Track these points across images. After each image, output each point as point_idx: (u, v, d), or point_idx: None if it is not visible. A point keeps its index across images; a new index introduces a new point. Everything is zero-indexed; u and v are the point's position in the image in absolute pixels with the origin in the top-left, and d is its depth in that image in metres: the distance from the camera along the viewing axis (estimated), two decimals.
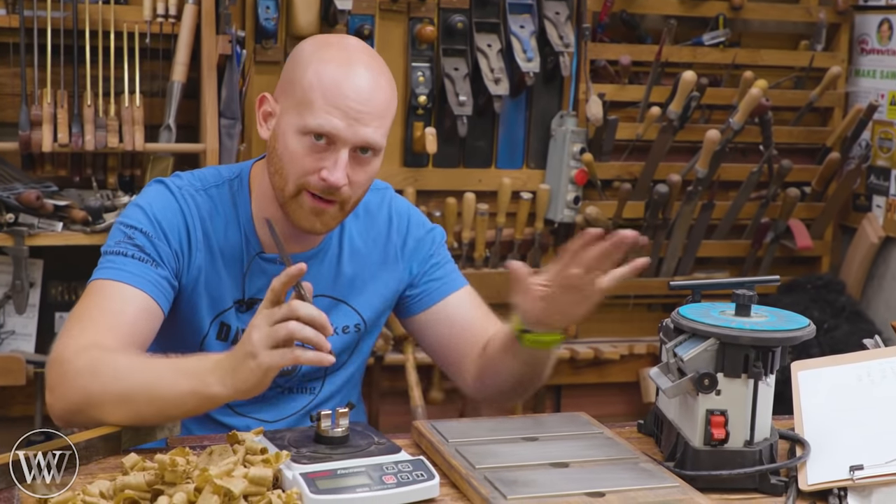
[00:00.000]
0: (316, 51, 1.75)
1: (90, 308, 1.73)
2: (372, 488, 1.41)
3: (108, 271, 1.75)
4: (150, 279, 1.74)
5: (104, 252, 1.78)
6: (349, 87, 1.70)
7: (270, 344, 1.49)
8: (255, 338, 1.50)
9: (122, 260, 1.75)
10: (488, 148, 3.49)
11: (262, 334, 1.49)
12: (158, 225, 1.79)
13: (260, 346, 1.49)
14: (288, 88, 1.75)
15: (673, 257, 3.65)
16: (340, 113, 1.69)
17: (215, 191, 1.85)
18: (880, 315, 3.70)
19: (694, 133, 3.56)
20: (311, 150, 1.71)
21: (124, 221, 1.80)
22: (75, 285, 3.16)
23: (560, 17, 3.39)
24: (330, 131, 1.70)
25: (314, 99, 1.70)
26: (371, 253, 1.93)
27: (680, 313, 1.60)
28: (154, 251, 1.77)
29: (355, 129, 1.70)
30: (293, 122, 1.72)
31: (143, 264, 1.75)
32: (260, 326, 1.50)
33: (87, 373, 1.61)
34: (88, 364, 1.62)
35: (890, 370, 1.69)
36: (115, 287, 1.73)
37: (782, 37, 3.83)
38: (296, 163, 1.72)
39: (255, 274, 1.84)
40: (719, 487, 1.52)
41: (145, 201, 1.82)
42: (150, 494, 1.36)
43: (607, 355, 3.61)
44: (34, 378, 3.02)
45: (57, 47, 2.92)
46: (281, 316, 1.49)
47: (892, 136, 3.69)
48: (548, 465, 1.53)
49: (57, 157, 2.97)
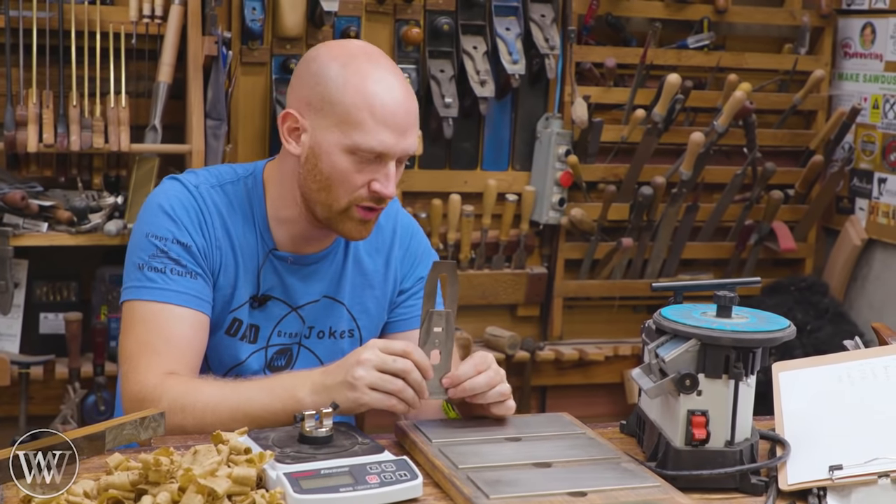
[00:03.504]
0: (346, 65, 1.75)
1: (149, 336, 1.76)
2: (355, 488, 1.41)
3: (152, 292, 1.77)
4: (194, 293, 1.78)
5: (140, 266, 1.78)
6: (393, 103, 1.74)
7: (374, 387, 1.61)
8: (361, 374, 1.61)
9: (162, 278, 1.77)
10: (474, 150, 3.50)
11: (371, 376, 1.61)
12: (186, 230, 1.80)
13: (362, 384, 1.61)
14: (323, 106, 1.76)
15: (657, 259, 3.66)
16: (390, 131, 1.74)
17: (231, 187, 1.87)
18: (863, 316, 3.72)
19: (678, 135, 3.57)
20: (361, 167, 1.76)
21: (154, 233, 1.80)
22: (60, 285, 3.16)
23: (545, 20, 3.40)
24: (383, 150, 1.74)
25: (363, 119, 1.73)
26: (374, 261, 1.97)
27: (662, 314, 1.61)
28: (191, 261, 1.79)
29: (402, 143, 1.76)
30: (338, 140, 1.75)
31: (183, 278, 1.78)
32: (369, 368, 1.62)
33: (178, 409, 1.69)
34: (175, 401, 1.69)
35: (870, 371, 1.70)
36: (165, 310, 1.76)
37: (766, 40, 3.85)
38: (347, 180, 1.76)
39: (268, 271, 1.87)
40: (700, 487, 1.53)
41: (167, 204, 1.82)
42: (133, 494, 1.36)
43: (592, 356, 3.62)
44: (18, 378, 3.02)
45: (42, 47, 2.92)
46: (395, 370, 1.62)
47: (874, 140, 3.71)
48: (530, 465, 1.54)
49: (42, 158, 2.97)
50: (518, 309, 3.64)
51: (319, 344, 1.93)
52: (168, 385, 1.71)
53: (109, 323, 3.11)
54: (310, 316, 1.91)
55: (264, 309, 1.87)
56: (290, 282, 1.88)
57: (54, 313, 3.13)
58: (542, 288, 3.61)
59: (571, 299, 3.68)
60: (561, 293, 3.63)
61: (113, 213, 2.97)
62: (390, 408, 1.63)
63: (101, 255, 3.14)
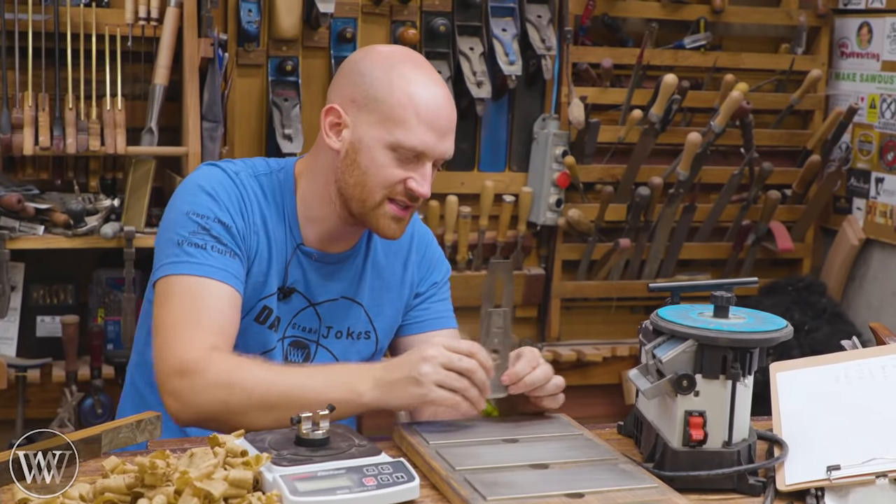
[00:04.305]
0: (393, 67, 1.81)
1: (190, 309, 1.76)
2: (352, 490, 1.41)
3: (193, 266, 1.78)
4: (232, 271, 1.79)
5: (179, 243, 1.79)
6: (436, 107, 1.80)
7: (441, 384, 1.63)
8: (427, 370, 1.63)
9: (202, 254, 1.78)
10: (471, 151, 3.50)
11: (438, 374, 1.63)
12: (228, 211, 1.82)
13: (428, 380, 1.63)
14: (367, 103, 1.80)
15: (655, 260, 3.66)
16: (433, 131, 1.79)
17: (265, 179, 1.90)
18: (861, 316, 3.72)
19: (675, 136, 3.57)
20: (399, 163, 1.80)
21: (195, 211, 1.81)
22: (57, 288, 3.15)
23: (542, 21, 3.39)
24: (423, 149, 1.78)
25: (407, 118, 1.77)
26: (392, 264, 1.99)
27: (659, 315, 1.61)
28: (231, 240, 1.81)
29: (442, 146, 1.81)
30: (380, 136, 1.79)
31: (223, 256, 1.79)
32: (435, 365, 1.63)
33: (224, 385, 1.68)
34: (222, 375, 1.69)
35: (868, 371, 1.70)
36: (205, 284, 1.77)
37: (763, 40, 3.85)
38: (384, 174, 1.80)
39: (295, 265, 1.89)
40: (698, 488, 1.53)
41: (209, 186, 1.83)
42: (129, 497, 1.35)
43: (590, 357, 3.62)
44: (15, 382, 3.02)
45: (38, 50, 2.91)
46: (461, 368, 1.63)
47: (871, 139, 3.71)
48: (528, 467, 1.54)
49: (38, 160, 2.96)
50: (515, 310, 3.63)
51: (337, 344, 1.95)
52: (214, 359, 1.70)
53: (106, 326, 3.11)
54: (327, 315, 1.93)
55: (288, 301, 1.90)
56: (312, 278, 1.91)
57: (51, 316, 3.13)
58: (539, 289, 3.60)
59: (569, 300, 3.68)
60: (558, 294, 3.63)
61: (109, 215, 2.97)
62: (454, 405, 1.65)
63: (98, 257, 3.14)
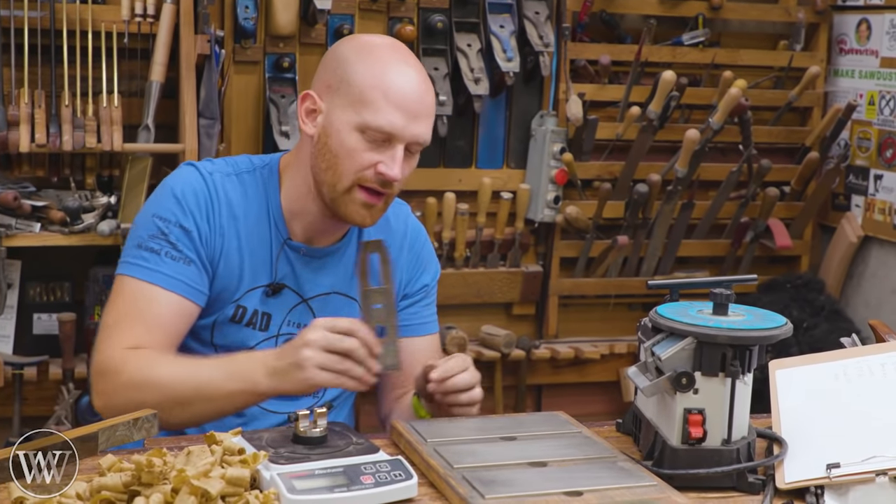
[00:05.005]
0: (366, 53, 1.81)
1: (127, 311, 1.78)
2: (350, 488, 1.41)
3: (142, 270, 1.78)
4: (183, 279, 1.79)
5: (138, 245, 1.80)
6: (408, 87, 1.78)
7: (323, 367, 1.63)
8: (308, 355, 1.63)
9: (155, 259, 1.79)
10: (468, 148, 3.49)
11: (319, 357, 1.63)
12: (192, 216, 1.82)
13: (310, 364, 1.63)
14: (340, 87, 1.80)
15: (653, 257, 3.66)
16: (400, 112, 1.77)
17: (247, 176, 1.89)
18: (859, 314, 3.72)
19: (674, 133, 3.56)
20: (369, 147, 1.78)
21: (159, 214, 1.82)
22: (53, 286, 3.15)
23: (540, 17, 3.39)
24: (391, 130, 1.76)
25: (375, 99, 1.76)
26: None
27: (658, 312, 1.61)
28: (189, 247, 1.81)
29: (412, 128, 1.78)
30: (349, 119, 1.78)
31: (176, 263, 1.79)
32: (316, 349, 1.63)
33: (137, 385, 1.70)
34: (135, 375, 1.70)
35: (867, 369, 1.70)
36: (150, 290, 1.78)
37: (761, 37, 3.85)
38: (353, 158, 1.78)
39: (283, 260, 1.89)
40: (697, 486, 1.52)
41: (178, 187, 1.84)
42: (126, 496, 1.35)
43: (588, 355, 3.61)
44: (13, 379, 3.01)
45: (34, 47, 2.90)
46: (342, 349, 1.63)
47: (870, 136, 3.71)
48: (526, 465, 1.53)
49: (34, 158, 2.95)
50: (513, 307, 3.63)
51: None
52: (129, 359, 1.72)
53: None
54: (320, 309, 1.92)
55: (278, 297, 1.89)
56: (301, 272, 1.90)
57: (48, 314, 3.12)
58: (537, 286, 3.60)
59: (567, 297, 3.67)
60: (556, 291, 3.62)
61: (106, 212, 2.96)
62: (340, 386, 1.67)
63: (95, 255, 3.12)
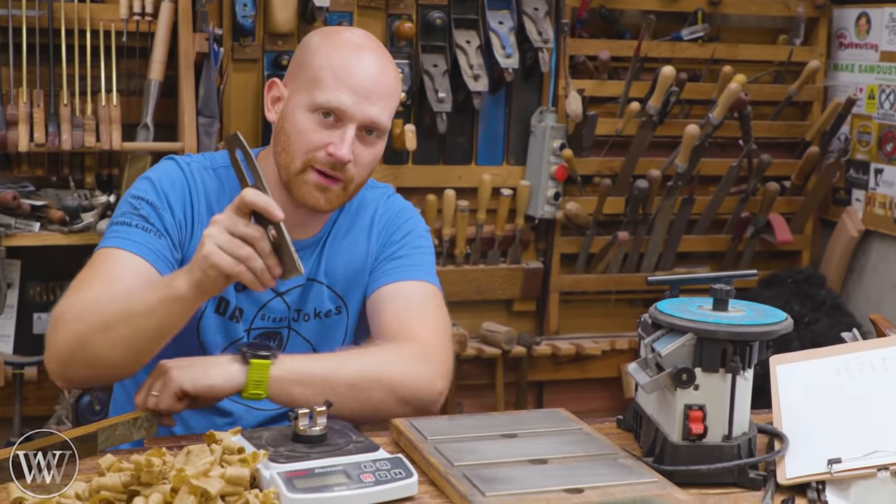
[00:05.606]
0: (326, 38, 1.84)
1: (91, 274, 1.78)
2: (350, 487, 1.40)
3: (111, 240, 1.80)
4: (151, 248, 1.79)
5: (111, 223, 1.83)
6: (358, 68, 1.78)
7: (223, 247, 1.53)
8: (211, 231, 1.54)
9: (125, 230, 1.80)
10: (468, 144, 3.49)
11: (221, 237, 1.53)
12: (164, 196, 1.84)
13: (211, 241, 1.54)
14: (297, 72, 1.83)
15: (653, 252, 3.65)
16: (349, 90, 1.77)
17: (224, 171, 1.90)
18: (860, 308, 3.71)
19: (673, 128, 3.56)
20: (320, 127, 1.78)
21: (132, 193, 1.85)
22: (53, 285, 3.15)
23: (539, 13, 3.38)
24: (338, 107, 1.77)
25: (324, 77, 1.78)
26: (356, 239, 1.96)
27: (658, 308, 1.60)
28: (159, 221, 1.82)
29: (363, 107, 1.77)
30: (302, 100, 1.79)
31: (146, 233, 1.80)
32: (220, 228, 1.54)
33: (75, 318, 1.67)
34: (76, 311, 1.68)
35: (868, 363, 1.69)
36: (116, 254, 1.78)
37: (761, 31, 3.84)
38: (303, 138, 1.79)
39: None
40: (698, 482, 1.52)
41: (155, 174, 1.88)
42: (126, 495, 1.35)
43: (589, 351, 3.61)
44: (13, 379, 3.01)
45: (32, 46, 2.89)
46: (244, 234, 1.53)
47: (870, 130, 3.70)
48: (526, 462, 1.53)
49: (33, 157, 2.95)
50: (514, 304, 3.63)
51: (306, 326, 1.94)
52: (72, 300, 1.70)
53: None
54: (294, 300, 1.92)
55: (248, 293, 1.88)
56: None
57: (48, 313, 3.11)
58: (537, 283, 3.59)
59: (567, 294, 3.67)
60: (557, 288, 3.62)
61: (105, 211, 2.95)
62: (239, 276, 1.54)
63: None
